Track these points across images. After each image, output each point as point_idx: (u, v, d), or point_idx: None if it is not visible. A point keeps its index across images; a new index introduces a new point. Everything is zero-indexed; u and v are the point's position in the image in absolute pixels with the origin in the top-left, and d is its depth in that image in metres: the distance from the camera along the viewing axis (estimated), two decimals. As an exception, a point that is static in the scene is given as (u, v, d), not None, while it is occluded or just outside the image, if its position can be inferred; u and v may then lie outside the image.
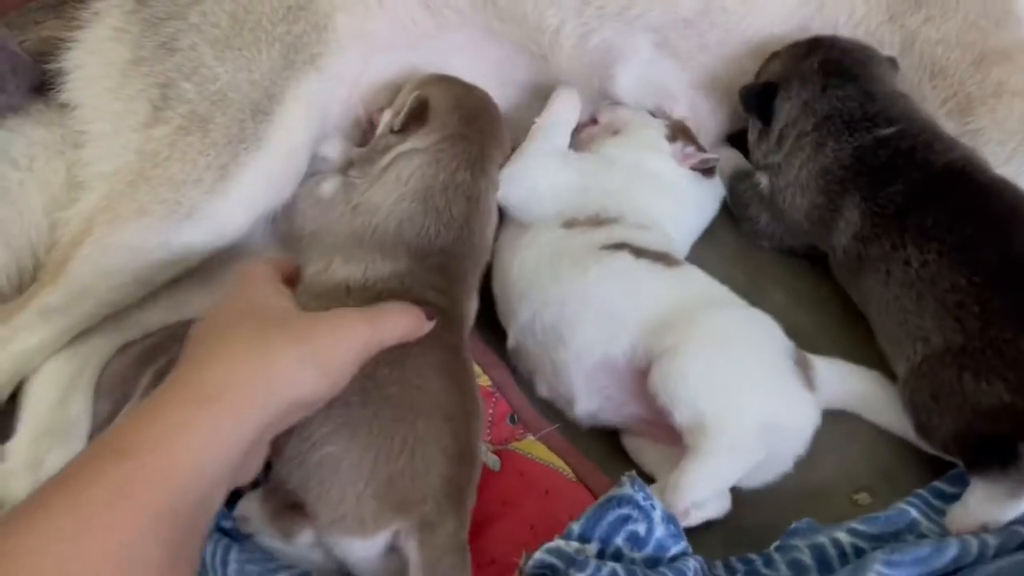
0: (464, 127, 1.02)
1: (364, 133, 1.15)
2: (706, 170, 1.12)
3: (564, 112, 1.13)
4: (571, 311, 0.96)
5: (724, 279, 1.08)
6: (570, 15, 1.15)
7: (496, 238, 1.07)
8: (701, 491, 0.86)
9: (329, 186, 1.06)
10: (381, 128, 1.09)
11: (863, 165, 0.98)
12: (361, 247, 0.97)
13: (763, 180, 1.09)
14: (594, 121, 1.18)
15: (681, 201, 1.10)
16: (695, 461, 0.86)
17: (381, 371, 0.84)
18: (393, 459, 0.79)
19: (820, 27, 1.13)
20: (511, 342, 1.03)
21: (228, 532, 0.91)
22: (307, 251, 1.02)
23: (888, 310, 0.93)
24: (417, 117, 1.02)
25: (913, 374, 0.89)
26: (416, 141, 1.01)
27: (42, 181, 1.09)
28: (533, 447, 1.00)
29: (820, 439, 0.93)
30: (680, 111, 1.17)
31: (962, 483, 0.88)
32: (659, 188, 1.09)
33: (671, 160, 1.11)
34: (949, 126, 1.06)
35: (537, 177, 1.06)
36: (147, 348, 1.09)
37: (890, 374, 0.96)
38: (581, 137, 1.16)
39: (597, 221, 1.03)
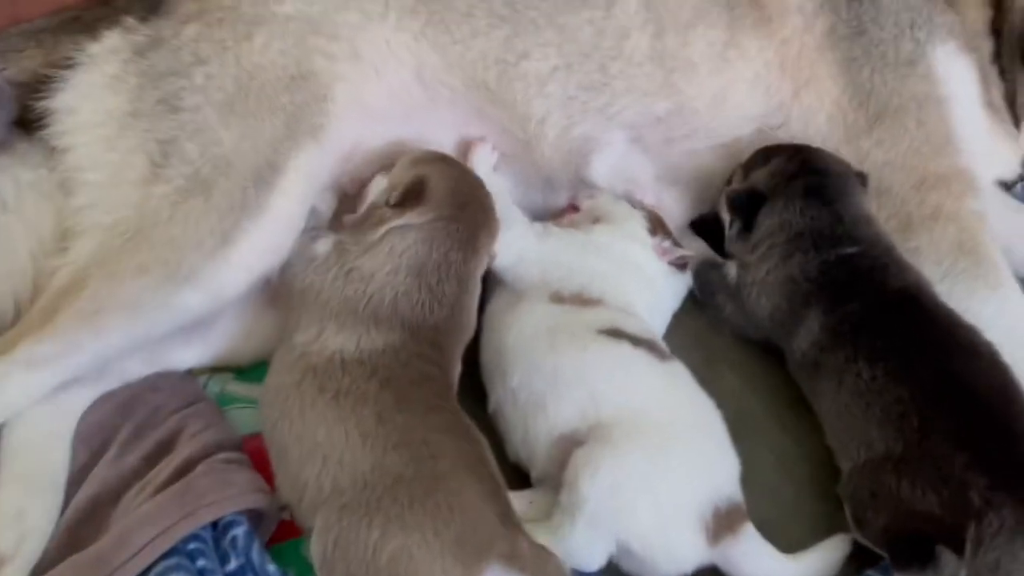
0: (457, 210, 1.07)
1: (352, 198, 1.18)
2: (680, 264, 1.21)
3: (483, 166, 1.20)
4: (563, 382, 1.02)
5: (681, 360, 1.17)
6: (556, 107, 1.23)
7: (484, 309, 1.13)
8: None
9: (322, 245, 1.09)
10: (375, 196, 1.13)
11: (826, 279, 1.09)
12: (355, 316, 1.01)
13: (731, 272, 1.19)
14: (574, 208, 1.25)
15: (658, 291, 1.19)
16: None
17: (389, 458, 0.89)
18: (449, 524, 0.85)
19: (782, 137, 1.24)
20: (492, 406, 1.09)
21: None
22: (298, 312, 1.05)
23: (838, 413, 1.03)
24: (414, 195, 1.06)
25: (856, 472, 1.00)
26: (411, 218, 1.05)
27: (29, 225, 1.10)
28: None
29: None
30: (648, 199, 1.26)
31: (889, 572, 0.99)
32: (640, 278, 1.17)
33: (652, 253, 1.19)
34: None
35: (526, 246, 1.14)
36: (126, 400, 1.10)
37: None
38: (562, 223, 1.23)
39: (582, 300, 1.11)
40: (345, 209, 1.18)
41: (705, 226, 1.29)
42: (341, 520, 0.87)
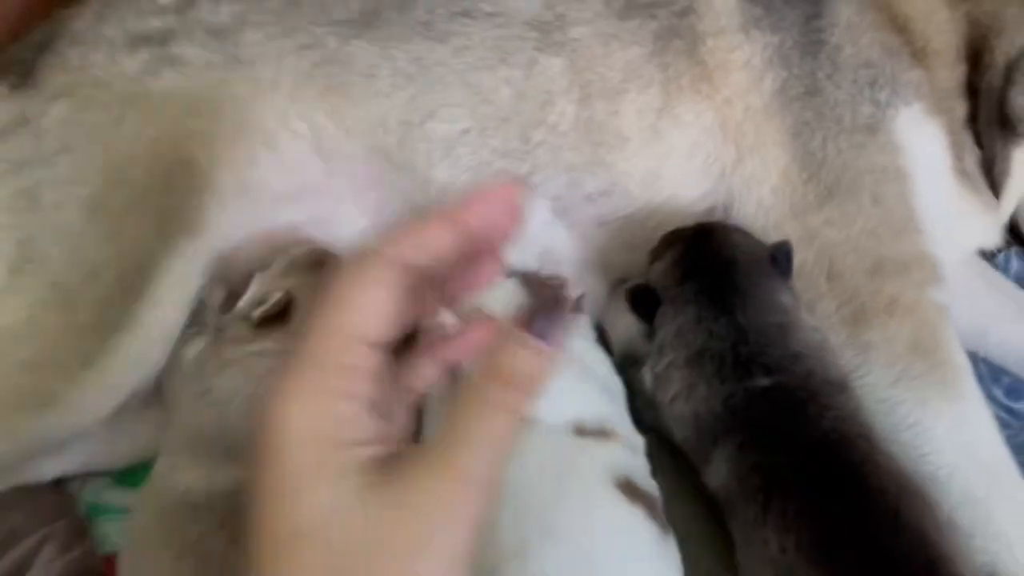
0: None
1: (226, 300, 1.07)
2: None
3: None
4: (558, 536, 0.85)
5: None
6: (464, 172, 1.10)
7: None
8: None
9: (192, 349, 1.00)
10: (240, 305, 1.02)
11: (735, 418, 0.93)
12: (208, 449, 0.91)
13: (647, 378, 1.04)
14: None
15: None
16: None
17: None
18: None
19: (730, 214, 1.11)
20: None
21: None
22: (166, 428, 0.97)
23: (749, 569, 0.89)
24: (278, 316, 0.96)
25: None
26: (269, 343, 0.94)
27: None
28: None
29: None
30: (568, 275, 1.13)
31: None
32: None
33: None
34: (842, 334, 1.03)
35: None
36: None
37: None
38: None
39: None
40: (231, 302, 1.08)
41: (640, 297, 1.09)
42: None
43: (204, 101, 1.05)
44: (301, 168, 1.09)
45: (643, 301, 1.03)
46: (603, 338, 1.14)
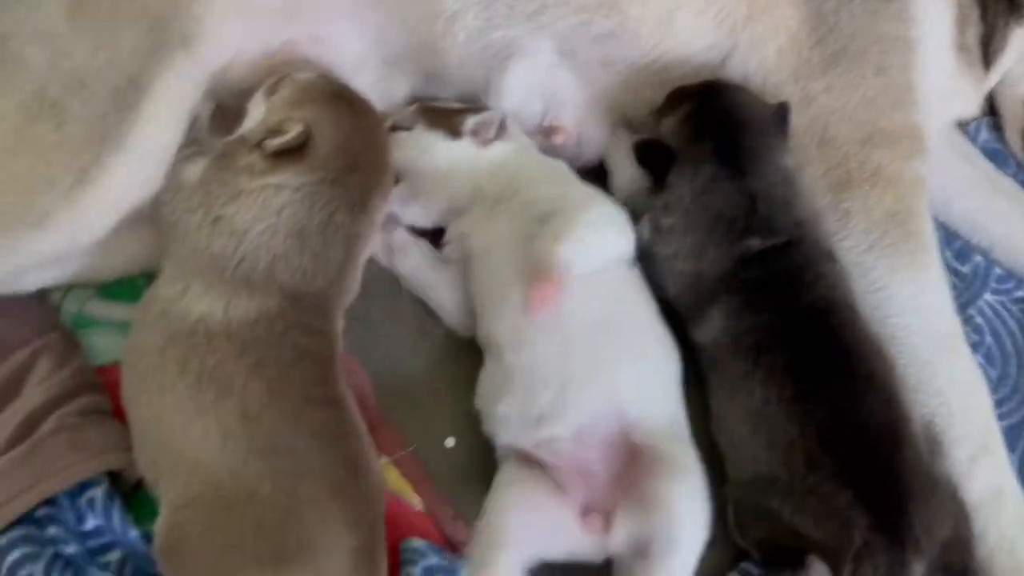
0: (344, 173, 0.93)
1: (229, 121, 1.02)
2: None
3: None
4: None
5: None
6: (473, 5, 1.06)
7: None
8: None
9: (192, 171, 0.96)
10: (252, 122, 0.97)
11: (736, 279, 0.98)
12: (223, 277, 0.90)
13: (644, 232, 1.06)
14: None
15: None
16: None
17: (249, 467, 0.82)
18: (294, 562, 0.79)
19: (731, 69, 1.11)
20: (492, 337, 0.98)
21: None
22: (165, 253, 0.94)
23: (728, 420, 0.98)
24: (295, 151, 0.92)
25: (742, 486, 0.96)
26: (287, 177, 0.92)
27: None
28: (384, 471, 1.02)
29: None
30: (567, 122, 1.12)
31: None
32: None
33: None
34: (826, 198, 1.07)
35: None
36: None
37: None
38: None
39: None
40: (224, 121, 1.02)
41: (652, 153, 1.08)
42: (183, 525, 0.82)
43: None
44: None
45: (654, 157, 1.03)
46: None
